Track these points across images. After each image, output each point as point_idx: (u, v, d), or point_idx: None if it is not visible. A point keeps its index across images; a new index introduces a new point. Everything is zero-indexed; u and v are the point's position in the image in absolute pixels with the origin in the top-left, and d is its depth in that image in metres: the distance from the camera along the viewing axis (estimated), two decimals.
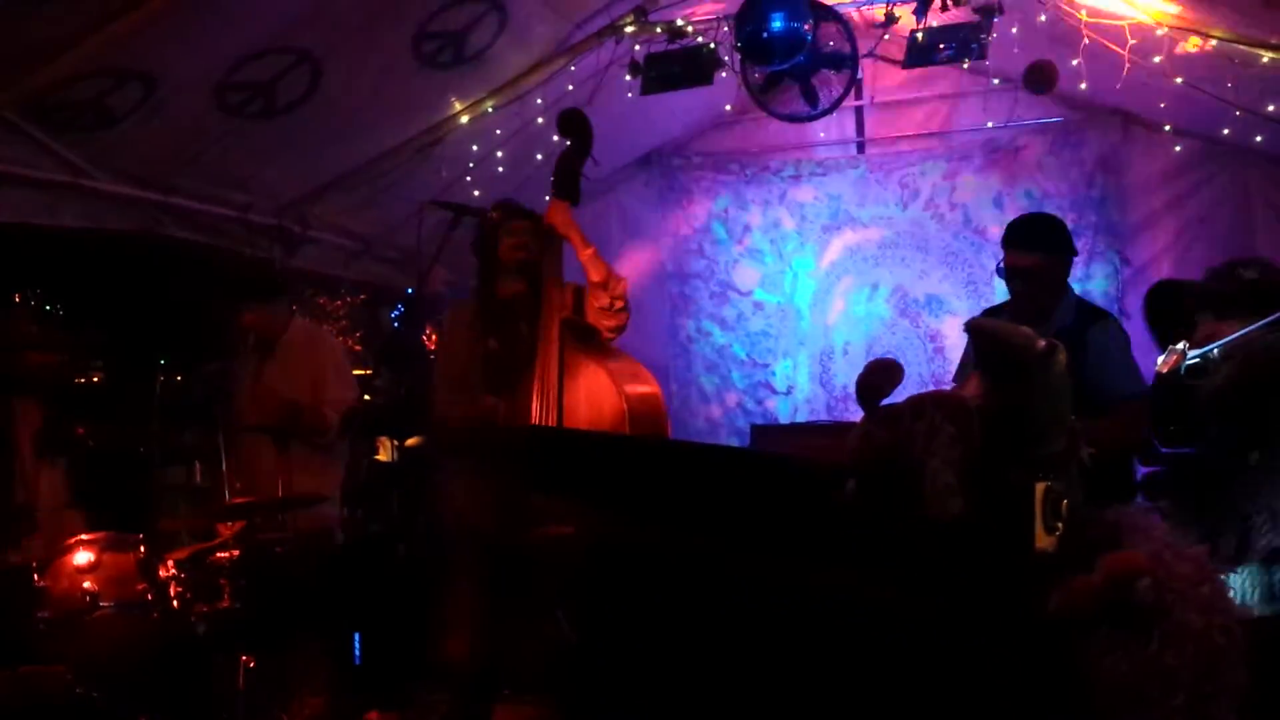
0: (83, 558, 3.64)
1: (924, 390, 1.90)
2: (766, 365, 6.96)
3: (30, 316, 4.09)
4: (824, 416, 6.75)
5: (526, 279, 3.95)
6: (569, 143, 3.90)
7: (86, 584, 3.58)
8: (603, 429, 3.46)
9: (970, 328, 1.74)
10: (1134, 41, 5.01)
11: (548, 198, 3.92)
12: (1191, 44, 4.91)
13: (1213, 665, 1.53)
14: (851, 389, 7.18)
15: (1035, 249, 3.75)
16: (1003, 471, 1.63)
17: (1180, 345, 2.96)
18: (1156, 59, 5.10)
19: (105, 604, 3.60)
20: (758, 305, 6.98)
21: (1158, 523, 1.67)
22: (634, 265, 6.80)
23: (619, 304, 3.77)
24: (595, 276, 3.76)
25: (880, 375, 1.76)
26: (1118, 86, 5.37)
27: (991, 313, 4.18)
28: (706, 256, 7.07)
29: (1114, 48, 5.07)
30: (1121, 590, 1.55)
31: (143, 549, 3.76)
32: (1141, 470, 4.82)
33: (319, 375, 4.57)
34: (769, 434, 6.42)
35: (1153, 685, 1.50)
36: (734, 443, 6.76)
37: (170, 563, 3.80)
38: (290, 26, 4.36)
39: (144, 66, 4.16)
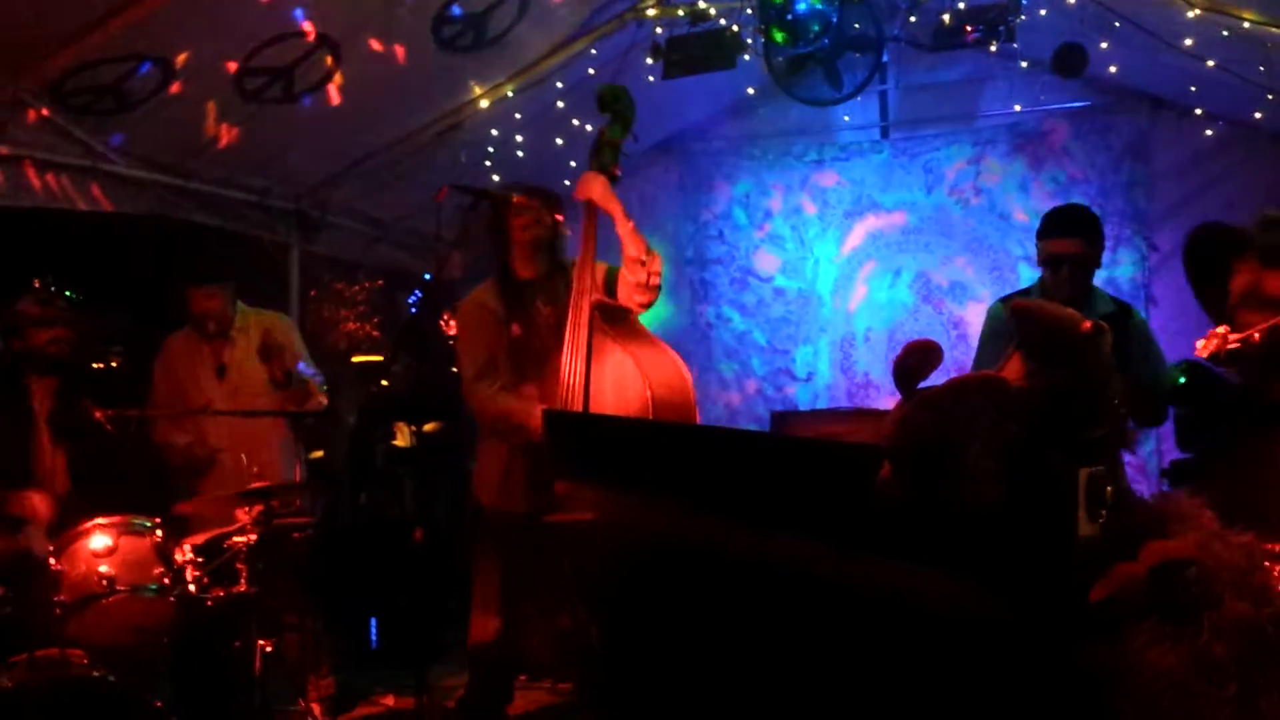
0: (100, 542, 3.60)
1: (947, 377, 1.84)
2: (787, 352, 6.91)
3: (34, 298, 4.06)
4: (844, 403, 6.70)
5: (544, 260, 3.90)
6: (609, 118, 3.85)
7: (103, 568, 3.54)
8: (628, 416, 3.41)
9: (1014, 308, 1.68)
10: (1164, 24, 4.92)
11: (567, 182, 3.87)
12: (1223, 27, 4.82)
13: (1264, 657, 1.48)
14: (873, 376, 7.18)
15: (1078, 235, 3.86)
16: (1045, 457, 1.57)
17: (1221, 329, 2.89)
18: (1187, 42, 5.02)
19: (122, 588, 3.56)
20: (778, 291, 6.92)
21: (1205, 509, 1.61)
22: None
23: (655, 279, 3.71)
24: (634, 251, 3.68)
25: (918, 357, 1.70)
26: (1147, 70, 5.29)
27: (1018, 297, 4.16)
28: (727, 242, 7.02)
29: (1144, 30, 4.99)
30: (1168, 579, 1.49)
31: (159, 533, 3.73)
32: (1168, 456, 4.75)
33: (289, 354, 4.54)
34: (789, 420, 6.36)
35: (1201, 677, 1.45)
36: (754, 429, 6.71)
37: (187, 547, 3.78)
38: (309, 10, 4.32)
39: (162, 51, 4.14)
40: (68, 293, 4.21)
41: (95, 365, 5.68)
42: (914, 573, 1.58)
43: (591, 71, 5.55)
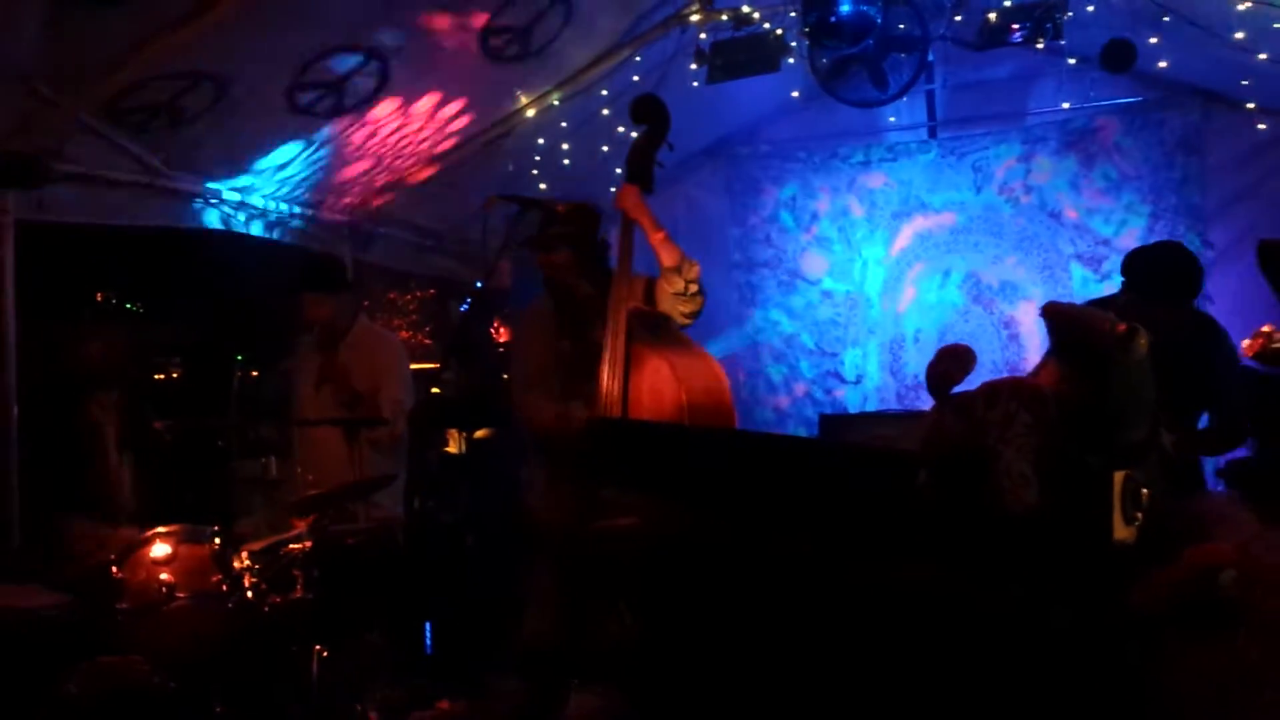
0: (160, 550, 3.69)
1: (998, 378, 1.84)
2: (835, 354, 6.89)
3: (91, 314, 4.18)
4: (894, 406, 6.66)
5: (594, 277, 3.91)
6: (644, 128, 3.86)
7: (163, 575, 3.62)
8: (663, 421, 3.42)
9: (1046, 310, 1.68)
10: (1214, 17, 4.85)
11: (613, 188, 3.90)
12: (1274, 19, 4.74)
13: None
14: (923, 378, 7.12)
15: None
16: (1081, 461, 1.57)
17: (1267, 328, 2.84)
18: (1238, 35, 4.95)
19: (181, 595, 3.64)
20: (826, 294, 6.91)
21: (1245, 512, 1.59)
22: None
23: (693, 288, 3.69)
24: (668, 261, 3.68)
25: (951, 362, 1.71)
26: (1198, 64, 5.21)
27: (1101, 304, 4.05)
28: (774, 245, 7.02)
29: (1194, 24, 4.92)
30: (1204, 583, 1.48)
31: (218, 541, 3.80)
32: (1222, 458, 4.66)
33: (378, 374, 4.59)
34: (838, 424, 6.34)
35: (1238, 682, 1.44)
36: (802, 433, 6.69)
37: (245, 554, 3.85)
38: (359, 24, 4.39)
39: (216, 68, 4.22)
40: (127, 305, 4.31)
41: (156, 376, 5.80)
42: (951, 577, 1.59)
43: (636, 79, 5.58)
